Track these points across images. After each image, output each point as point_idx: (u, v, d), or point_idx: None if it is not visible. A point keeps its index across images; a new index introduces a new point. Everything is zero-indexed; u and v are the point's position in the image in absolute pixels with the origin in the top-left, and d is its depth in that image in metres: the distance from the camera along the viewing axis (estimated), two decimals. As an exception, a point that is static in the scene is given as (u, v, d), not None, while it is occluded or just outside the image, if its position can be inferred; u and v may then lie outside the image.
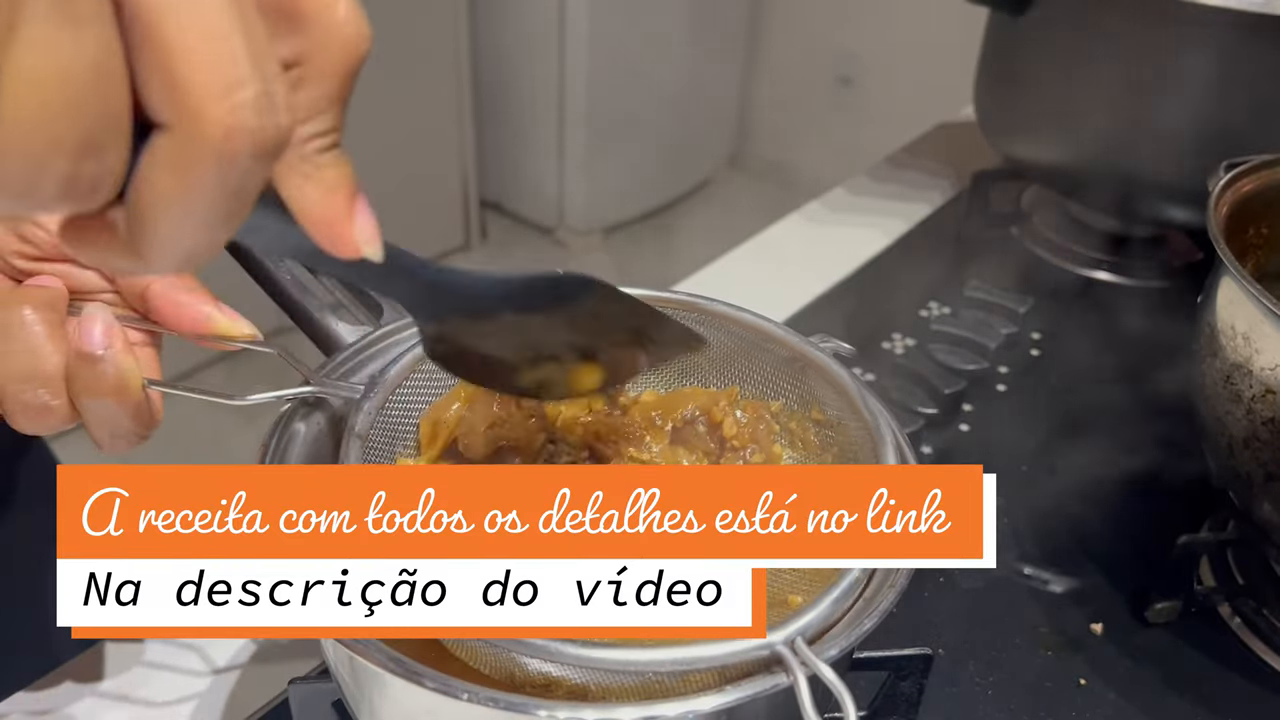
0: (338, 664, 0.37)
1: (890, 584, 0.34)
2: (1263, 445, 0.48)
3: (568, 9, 2.18)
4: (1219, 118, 0.71)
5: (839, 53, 2.52)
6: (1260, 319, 0.47)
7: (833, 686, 0.29)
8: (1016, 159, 0.86)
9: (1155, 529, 0.58)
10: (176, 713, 0.46)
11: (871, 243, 0.87)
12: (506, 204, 2.57)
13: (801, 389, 0.45)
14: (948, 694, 0.49)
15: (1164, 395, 0.71)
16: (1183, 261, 0.86)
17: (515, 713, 0.29)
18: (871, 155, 1.06)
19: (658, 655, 0.30)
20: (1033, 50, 0.79)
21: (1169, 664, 0.52)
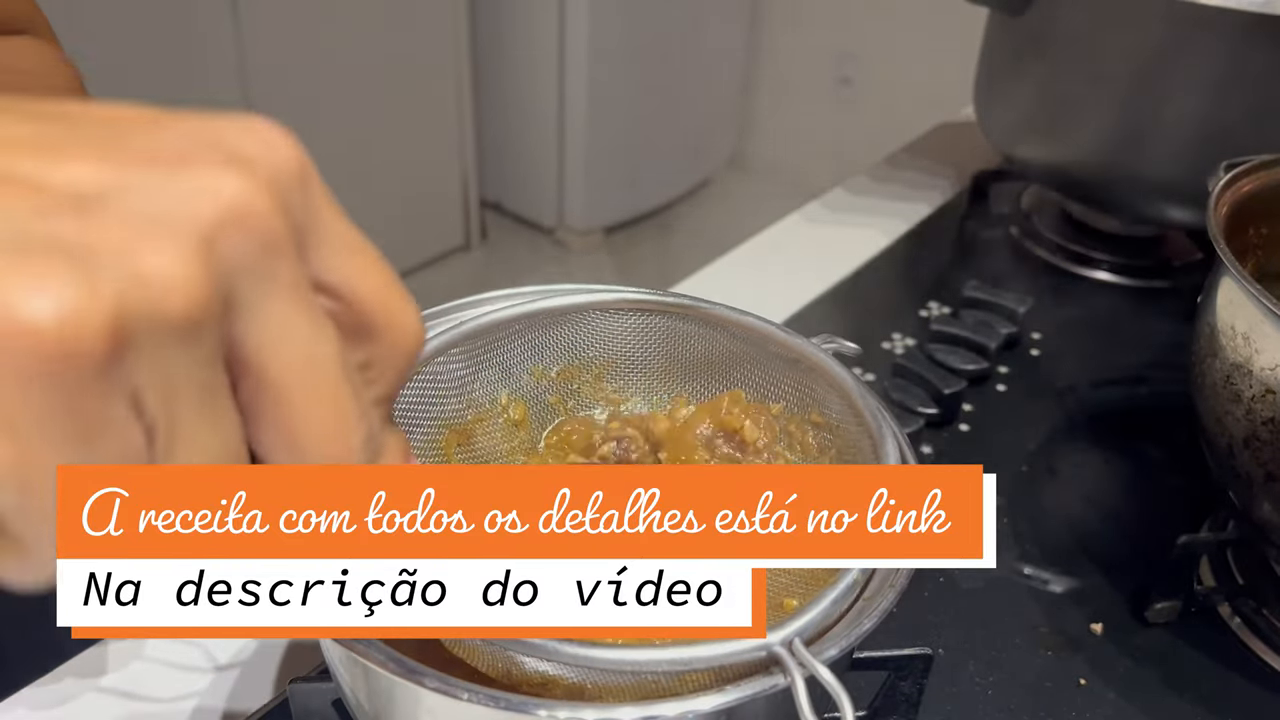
0: (338, 664, 0.37)
1: (890, 584, 0.34)
2: (1263, 445, 0.48)
3: (568, 9, 2.19)
4: (1219, 118, 0.71)
5: (839, 53, 2.52)
6: (1260, 319, 0.48)
7: (830, 687, 0.29)
8: (1016, 159, 0.86)
9: (1155, 529, 0.58)
10: (177, 711, 0.46)
11: (871, 243, 0.87)
12: (506, 204, 2.57)
13: (801, 391, 0.45)
14: (948, 694, 0.49)
15: (1163, 395, 0.71)
16: (1183, 261, 0.86)
17: (515, 713, 0.29)
18: (871, 155, 1.06)
19: (654, 655, 0.30)
20: (1033, 50, 0.79)
21: (1169, 664, 0.52)
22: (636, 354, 0.47)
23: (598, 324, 0.46)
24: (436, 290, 2.24)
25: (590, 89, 2.27)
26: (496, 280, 2.13)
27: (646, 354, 0.48)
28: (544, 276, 2.31)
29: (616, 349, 0.47)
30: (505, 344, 0.45)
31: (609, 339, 0.47)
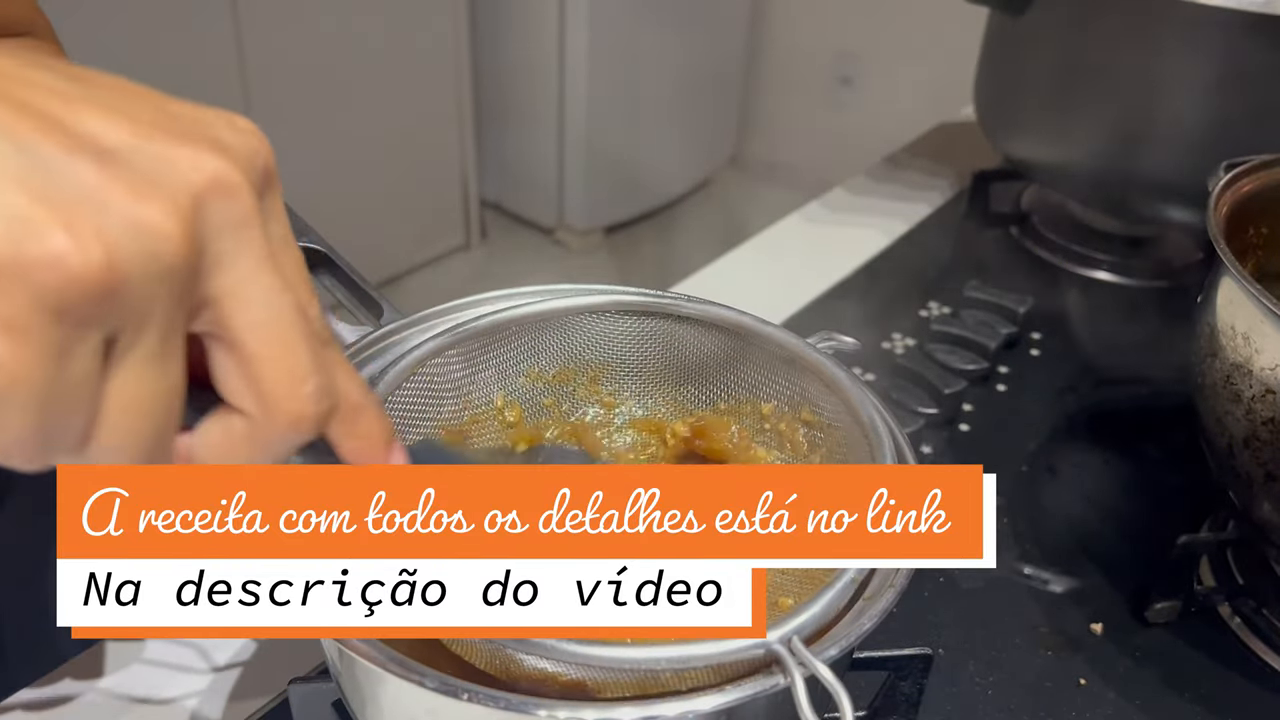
0: (338, 664, 0.37)
1: (890, 584, 0.34)
2: (1263, 445, 0.48)
3: (568, 9, 2.18)
4: (1219, 118, 0.71)
5: (839, 53, 2.52)
6: (1260, 319, 0.48)
7: (830, 686, 0.29)
8: (1016, 159, 0.86)
9: (1155, 529, 0.58)
10: (177, 711, 0.46)
11: (871, 243, 0.87)
12: (506, 204, 2.57)
13: (793, 389, 0.45)
14: (948, 694, 0.49)
15: (1163, 395, 0.71)
16: (1183, 261, 0.86)
17: (515, 713, 0.29)
18: (871, 155, 1.06)
19: (653, 654, 0.30)
20: (1033, 50, 0.79)
21: (1169, 664, 0.52)
22: (631, 357, 0.48)
23: (593, 328, 0.46)
24: (436, 290, 2.24)
25: (590, 89, 2.27)
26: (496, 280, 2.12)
27: (641, 357, 0.48)
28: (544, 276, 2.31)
29: (612, 352, 0.47)
30: (501, 347, 0.45)
31: (604, 342, 0.47)
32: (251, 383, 0.24)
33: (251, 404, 0.24)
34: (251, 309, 0.23)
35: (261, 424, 0.24)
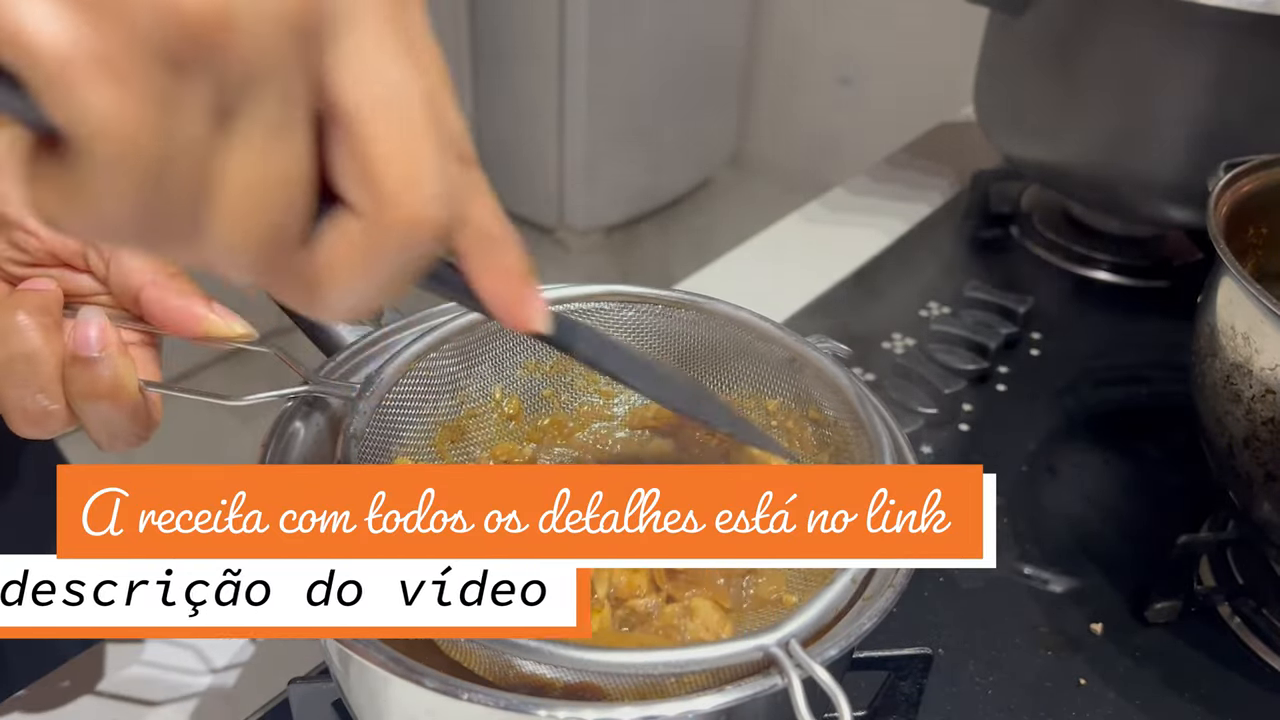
0: (338, 664, 0.37)
1: (890, 584, 0.34)
2: (1263, 445, 0.48)
3: (568, 9, 2.18)
4: (1219, 118, 0.71)
5: (839, 53, 2.52)
6: (1260, 319, 0.48)
7: (827, 687, 0.29)
8: (1016, 159, 0.86)
9: (1155, 529, 0.58)
10: (176, 712, 0.46)
11: (871, 243, 0.87)
12: (506, 204, 2.55)
13: (799, 388, 0.45)
14: (948, 694, 0.49)
15: (1163, 395, 0.71)
16: (1183, 261, 0.86)
17: (515, 712, 0.29)
18: (871, 155, 1.06)
19: (651, 658, 0.30)
20: (1033, 50, 0.79)
21: (1169, 664, 0.52)
22: None
23: (592, 318, 0.46)
24: (436, 290, 2.23)
25: (590, 89, 2.27)
26: (496, 280, 2.11)
27: (641, 347, 0.47)
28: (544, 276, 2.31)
29: None
30: (497, 339, 0.45)
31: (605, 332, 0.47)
32: (365, 169, 0.21)
33: (365, 197, 0.21)
34: (371, 83, 0.20)
35: (375, 224, 0.21)
